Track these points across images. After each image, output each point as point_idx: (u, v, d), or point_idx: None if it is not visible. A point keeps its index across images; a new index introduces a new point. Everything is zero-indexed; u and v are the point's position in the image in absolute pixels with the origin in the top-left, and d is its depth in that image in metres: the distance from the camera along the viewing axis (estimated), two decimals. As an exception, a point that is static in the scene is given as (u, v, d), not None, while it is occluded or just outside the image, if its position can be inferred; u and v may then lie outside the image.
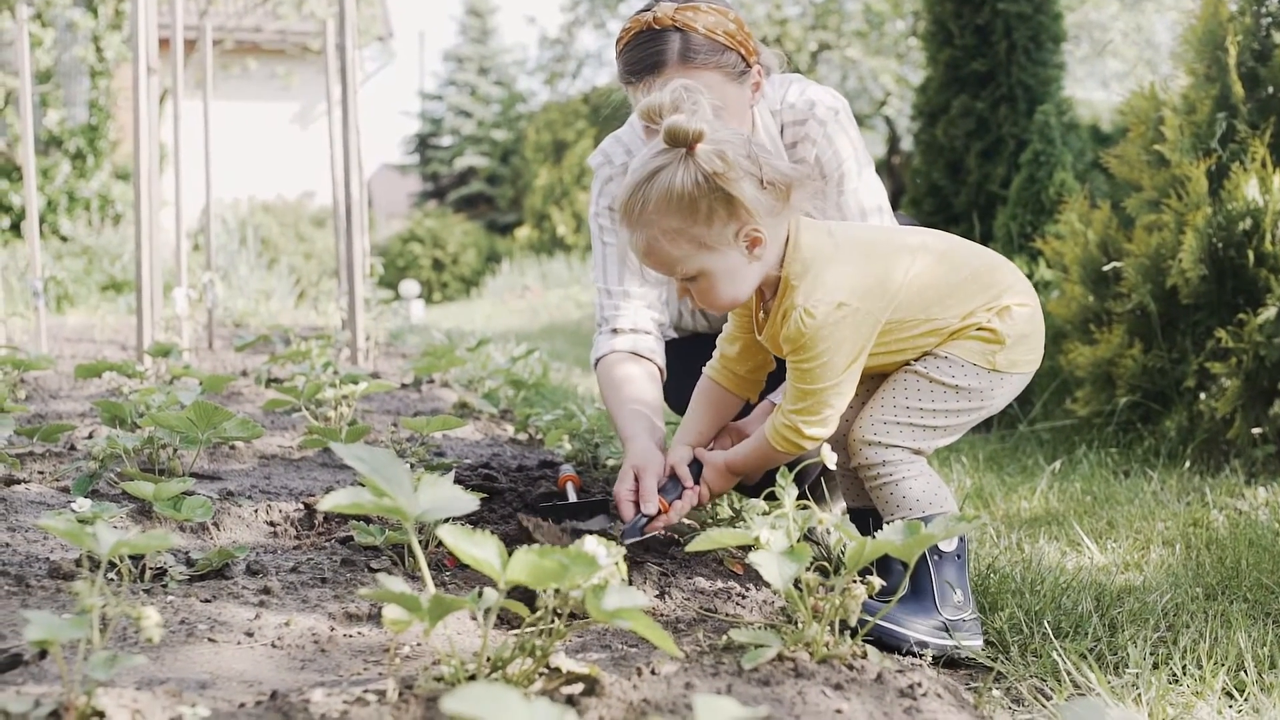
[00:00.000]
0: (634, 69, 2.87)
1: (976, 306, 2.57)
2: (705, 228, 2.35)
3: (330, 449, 1.76)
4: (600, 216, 3.24)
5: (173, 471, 3.24)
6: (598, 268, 3.25)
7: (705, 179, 2.31)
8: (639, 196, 2.36)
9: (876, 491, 2.58)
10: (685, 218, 2.34)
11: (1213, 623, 2.61)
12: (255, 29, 20.34)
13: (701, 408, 2.81)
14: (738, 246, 2.39)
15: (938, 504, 2.55)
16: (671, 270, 2.42)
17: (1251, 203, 4.62)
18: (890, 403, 2.57)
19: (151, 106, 5.47)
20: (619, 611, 1.66)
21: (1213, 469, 4.57)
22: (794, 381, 2.49)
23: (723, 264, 2.40)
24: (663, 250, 2.39)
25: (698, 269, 2.40)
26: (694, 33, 2.81)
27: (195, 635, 2.11)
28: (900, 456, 2.55)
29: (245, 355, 6.81)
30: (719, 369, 2.79)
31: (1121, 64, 22.47)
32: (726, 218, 2.35)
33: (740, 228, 2.37)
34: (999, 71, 8.47)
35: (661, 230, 2.36)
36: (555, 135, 25.72)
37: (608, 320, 3.18)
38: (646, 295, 3.20)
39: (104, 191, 16.37)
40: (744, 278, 2.44)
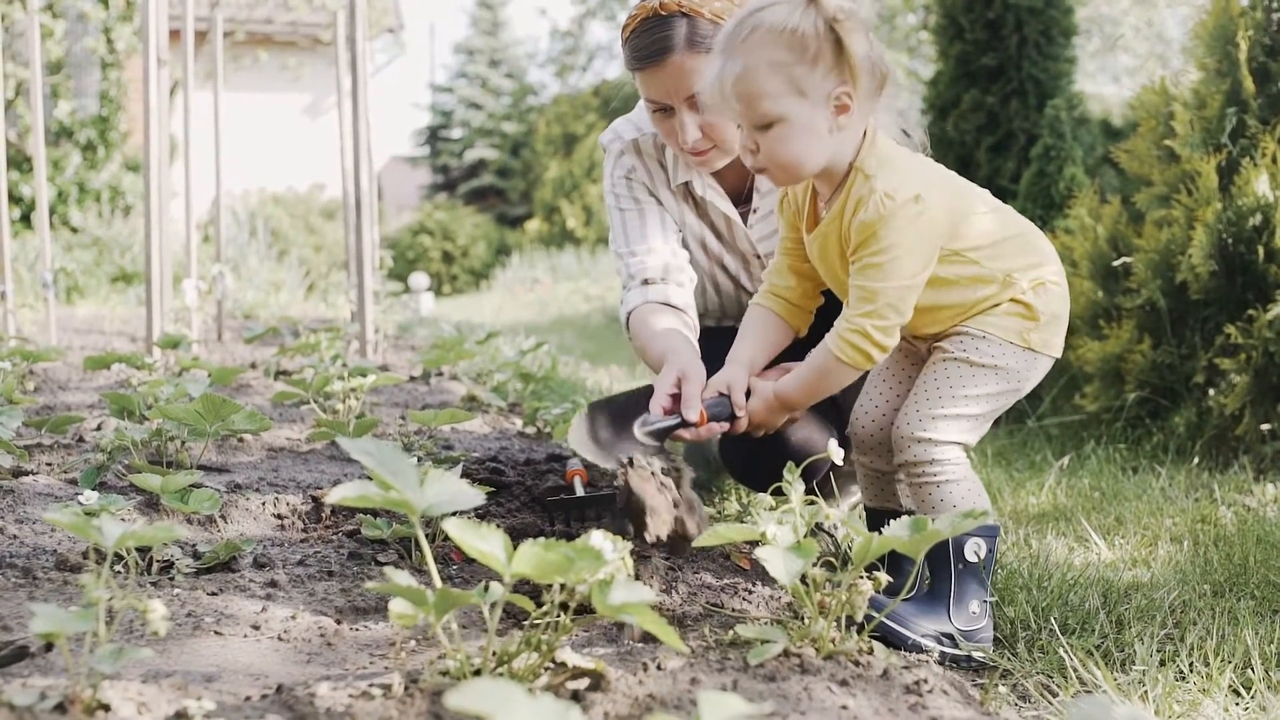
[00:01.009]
0: (640, 54, 2.87)
1: (1019, 267, 2.55)
2: (808, 70, 2.32)
3: (338, 442, 1.77)
4: (617, 187, 3.20)
5: (180, 464, 3.25)
6: (617, 237, 3.20)
7: (825, 24, 2.30)
8: (748, 23, 2.34)
9: (919, 490, 2.52)
10: (792, 53, 2.31)
11: (1220, 620, 2.60)
12: (266, 20, 20.36)
13: (752, 333, 2.71)
14: (827, 108, 2.35)
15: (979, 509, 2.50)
16: (754, 107, 2.35)
17: (1262, 198, 4.61)
18: (935, 394, 2.52)
19: (161, 98, 5.48)
20: (625, 606, 1.66)
21: (1221, 465, 4.56)
22: (860, 280, 2.42)
23: (807, 117, 2.35)
24: (756, 81, 2.33)
25: (781, 113, 2.34)
26: (700, 18, 2.82)
27: (202, 628, 2.12)
28: (949, 455, 2.51)
29: (254, 347, 6.82)
30: (768, 295, 2.72)
31: (1133, 58, 22.42)
32: (829, 69, 2.33)
33: (836, 88, 2.34)
34: (1009, 66, 8.45)
35: (764, 59, 2.32)
36: (566, 128, 25.72)
37: (635, 275, 3.10)
38: (673, 249, 3.14)
39: (114, 183, 16.38)
40: (819, 143, 2.39)
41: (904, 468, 2.54)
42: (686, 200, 3.20)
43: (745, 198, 3.19)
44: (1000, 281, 2.53)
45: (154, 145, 5.42)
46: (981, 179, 8.94)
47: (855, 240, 2.41)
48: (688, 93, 2.83)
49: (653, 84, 2.87)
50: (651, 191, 3.18)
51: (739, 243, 3.21)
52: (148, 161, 5.41)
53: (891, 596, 2.28)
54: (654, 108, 2.92)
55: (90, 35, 16.61)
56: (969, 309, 2.55)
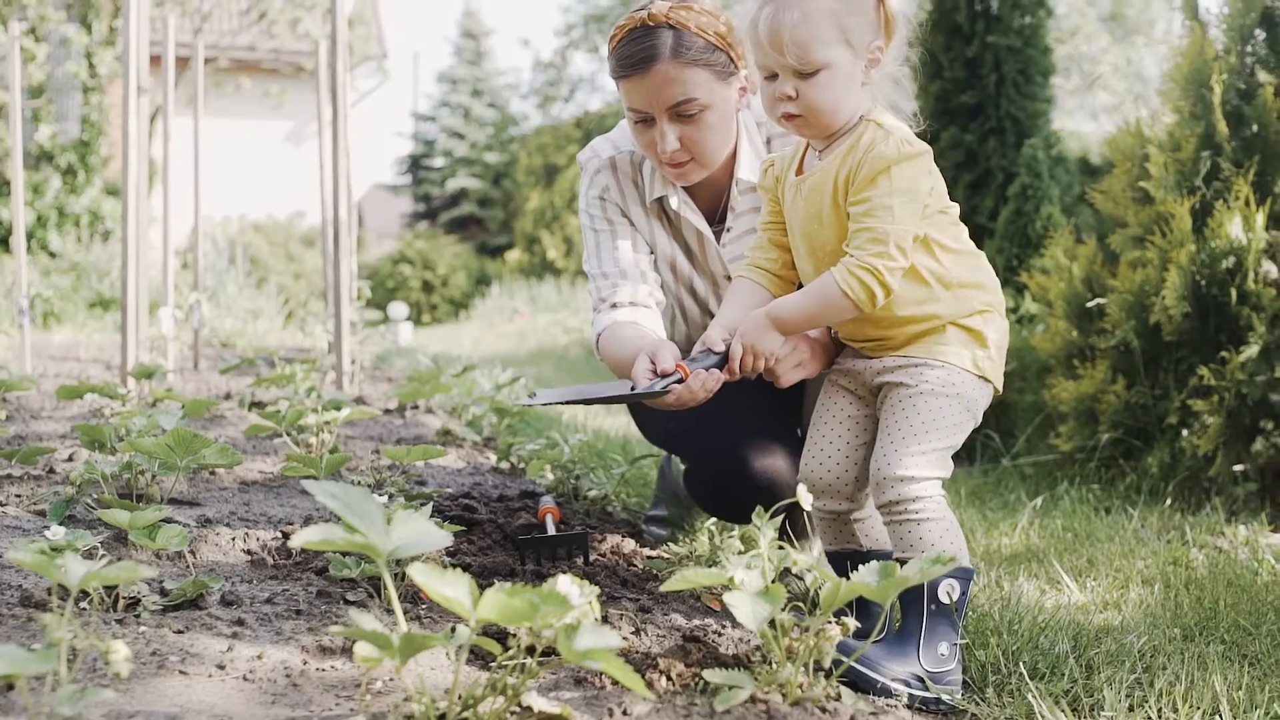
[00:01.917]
0: (627, 62, 2.91)
1: (971, 283, 2.59)
2: (856, 21, 2.44)
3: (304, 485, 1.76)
4: (591, 207, 3.23)
5: (150, 497, 3.23)
6: (591, 256, 3.22)
7: None
8: None
9: (899, 528, 2.50)
10: (844, 4, 2.43)
11: (1189, 665, 2.60)
12: (250, 47, 20.37)
13: (735, 299, 2.73)
14: (862, 60, 2.46)
15: (955, 550, 2.49)
16: (805, 52, 2.42)
17: (1235, 241, 4.64)
18: (909, 430, 2.51)
19: (141, 126, 5.47)
20: (590, 652, 1.65)
21: (1194, 506, 4.58)
22: (870, 221, 2.42)
23: (848, 67, 2.45)
24: (813, 24, 2.41)
25: (825, 60, 2.43)
26: (687, 30, 2.88)
27: (166, 667, 2.10)
28: (930, 491, 2.50)
29: (230, 377, 6.80)
30: (750, 266, 2.76)
31: (1111, 96, 22.61)
32: (872, 25, 2.46)
33: (874, 42, 2.46)
34: (988, 104, 8.50)
35: (821, 6, 2.42)
36: (547, 159, 25.79)
37: (605, 299, 3.12)
38: (644, 274, 3.16)
39: (94, 208, 16.36)
40: (853, 92, 2.48)
41: (885, 508, 2.52)
42: (660, 218, 3.21)
43: (719, 217, 3.22)
44: (953, 295, 2.55)
45: (132, 173, 5.41)
46: (960, 217, 8.98)
47: (864, 177, 2.44)
48: (670, 102, 2.89)
49: (637, 92, 2.91)
50: (624, 212, 3.21)
51: (710, 262, 3.22)
52: (126, 189, 5.40)
53: (860, 640, 2.28)
54: (636, 117, 2.96)
55: (72, 60, 16.61)
56: (921, 328, 2.57)
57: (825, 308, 2.49)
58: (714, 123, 2.94)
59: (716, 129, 2.96)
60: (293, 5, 17.42)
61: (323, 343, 7.51)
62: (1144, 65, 23.80)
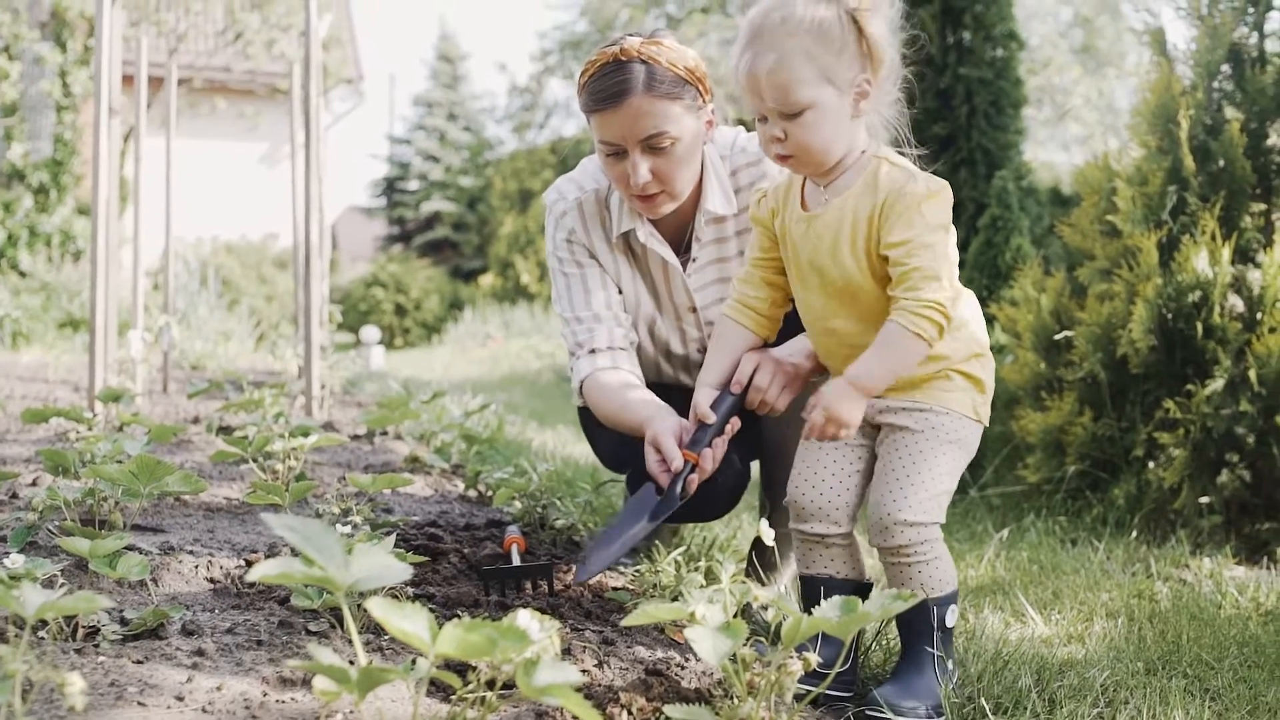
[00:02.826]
0: (600, 96, 2.95)
1: (970, 319, 2.63)
2: (835, 59, 2.42)
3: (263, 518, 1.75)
4: (559, 249, 3.26)
5: (113, 524, 3.20)
6: (561, 299, 3.26)
7: (846, 12, 2.42)
8: (776, 15, 2.43)
9: (902, 569, 2.55)
10: (822, 43, 2.41)
11: (1151, 699, 2.61)
12: (225, 68, 20.37)
13: (722, 349, 2.80)
14: (849, 94, 2.45)
15: (953, 582, 2.59)
16: (787, 95, 2.43)
17: (1201, 275, 4.68)
18: (914, 474, 2.55)
19: (113, 146, 5.46)
20: (549, 688, 1.65)
21: (1159, 539, 4.60)
22: (917, 261, 2.42)
23: (833, 104, 2.44)
24: (790, 69, 2.41)
25: (810, 100, 2.43)
26: (658, 65, 2.92)
27: (124, 698, 2.08)
28: (935, 534, 2.56)
29: (199, 401, 6.77)
30: (739, 307, 2.79)
31: (1083, 128, 22.77)
32: (853, 58, 2.43)
33: (859, 75, 2.44)
34: (959, 135, 8.55)
35: (797, 48, 2.41)
36: (522, 184, 25.81)
37: (583, 344, 3.17)
38: (616, 316, 3.21)
39: (66, 227, 16.28)
40: (841, 130, 2.48)
41: (889, 551, 2.56)
42: (625, 253, 3.24)
43: (685, 248, 3.24)
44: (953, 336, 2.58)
45: (102, 193, 5.39)
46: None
47: (898, 218, 2.44)
48: (643, 135, 2.92)
49: (609, 126, 2.94)
50: (592, 253, 3.24)
51: (675, 294, 3.25)
52: (96, 209, 5.38)
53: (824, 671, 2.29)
54: (608, 150, 2.99)
55: (46, 78, 16.55)
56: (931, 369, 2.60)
57: (902, 356, 2.48)
58: (684, 155, 2.98)
59: (686, 161, 2.99)
60: (269, 27, 17.41)
61: (293, 366, 7.50)
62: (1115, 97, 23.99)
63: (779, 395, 2.82)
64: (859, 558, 2.69)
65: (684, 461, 2.69)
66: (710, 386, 2.77)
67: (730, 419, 2.77)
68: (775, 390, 2.81)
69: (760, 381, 2.79)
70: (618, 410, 3.03)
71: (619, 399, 3.03)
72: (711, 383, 2.78)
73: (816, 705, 2.53)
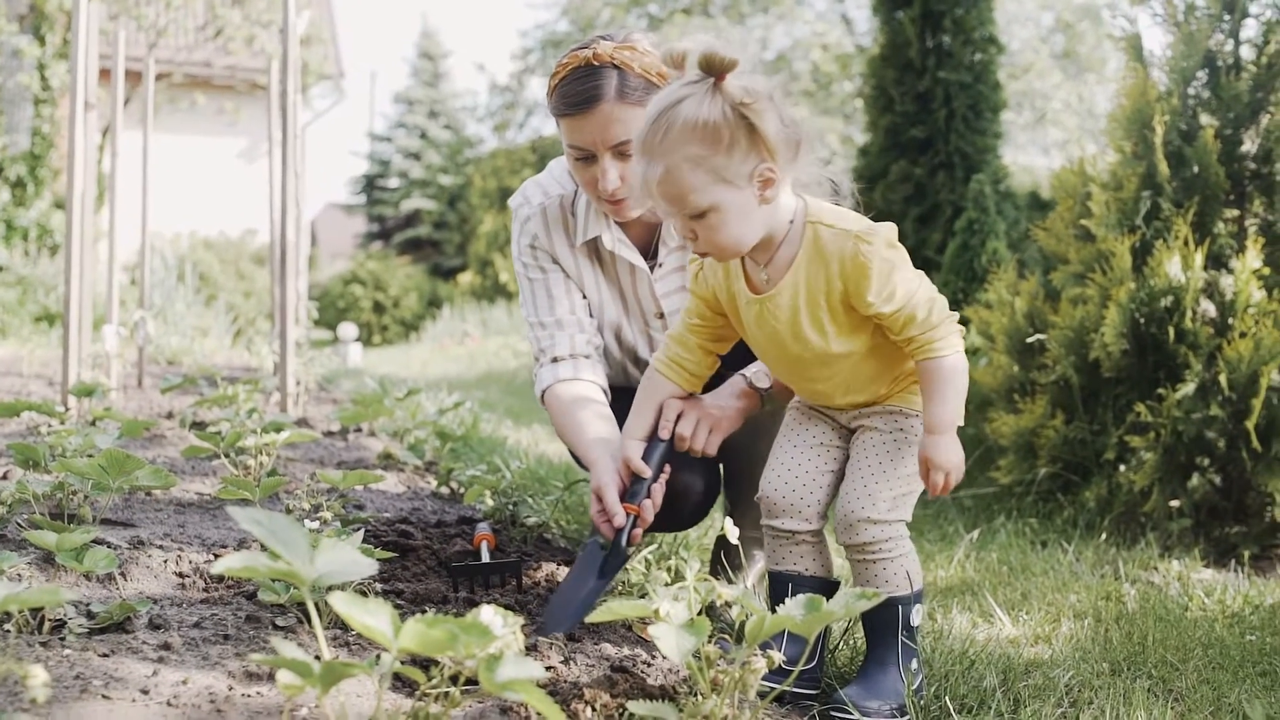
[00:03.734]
0: (570, 101, 2.93)
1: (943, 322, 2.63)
2: (725, 158, 2.35)
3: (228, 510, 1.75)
4: (523, 255, 3.28)
5: (82, 518, 3.20)
6: (526, 304, 3.28)
7: (731, 108, 2.33)
8: (662, 123, 2.36)
9: (868, 566, 2.59)
10: (707, 146, 2.34)
11: (1115, 699, 2.63)
12: (205, 63, 20.29)
13: (649, 402, 2.81)
14: (751, 185, 2.40)
15: (918, 582, 2.61)
16: (683, 202, 2.39)
17: (1173, 280, 4.71)
18: (881, 474, 2.59)
19: (89, 140, 5.44)
20: (510, 683, 1.65)
21: (1129, 541, 4.63)
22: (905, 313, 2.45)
23: (735, 201, 2.39)
24: (680, 179, 2.37)
25: (710, 202, 2.38)
26: (630, 71, 2.91)
27: (89, 691, 2.08)
28: (900, 532, 2.60)
29: (173, 396, 6.75)
30: (670, 363, 2.80)
31: (1062, 132, 22.85)
32: (747, 151, 2.36)
33: (758, 165, 2.38)
34: (938, 138, 8.59)
35: (683, 157, 2.35)
36: (501, 182, 25.81)
37: (545, 351, 3.19)
38: (580, 321, 3.22)
39: (43, 221, 16.19)
40: (752, 221, 2.43)
41: (856, 548, 2.60)
42: (591, 258, 3.24)
43: (651, 253, 3.25)
44: None
45: (78, 187, 5.37)
46: (908, 250, 9.05)
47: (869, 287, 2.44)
48: (613, 141, 2.91)
49: (579, 131, 2.93)
50: (555, 258, 3.24)
51: (643, 300, 3.25)
52: (71, 203, 5.36)
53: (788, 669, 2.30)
54: (577, 154, 2.98)
55: (24, 71, 16.46)
56: (898, 387, 2.62)
57: (956, 382, 2.50)
58: None
59: None
60: (249, 22, 17.34)
61: (269, 363, 7.48)
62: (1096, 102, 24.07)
63: (705, 440, 2.84)
64: (828, 556, 2.71)
65: (626, 515, 2.72)
66: (638, 439, 2.79)
67: (664, 465, 2.80)
68: (701, 436, 2.83)
69: (683, 430, 2.81)
70: (571, 432, 3.04)
71: (573, 420, 3.03)
72: (639, 435, 2.80)
73: (782, 703, 2.54)
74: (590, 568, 2.74)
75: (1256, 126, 4.97)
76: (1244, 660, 3.05)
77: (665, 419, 2.80)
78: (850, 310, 2.50)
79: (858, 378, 2.60)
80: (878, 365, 2.59)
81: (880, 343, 2.56)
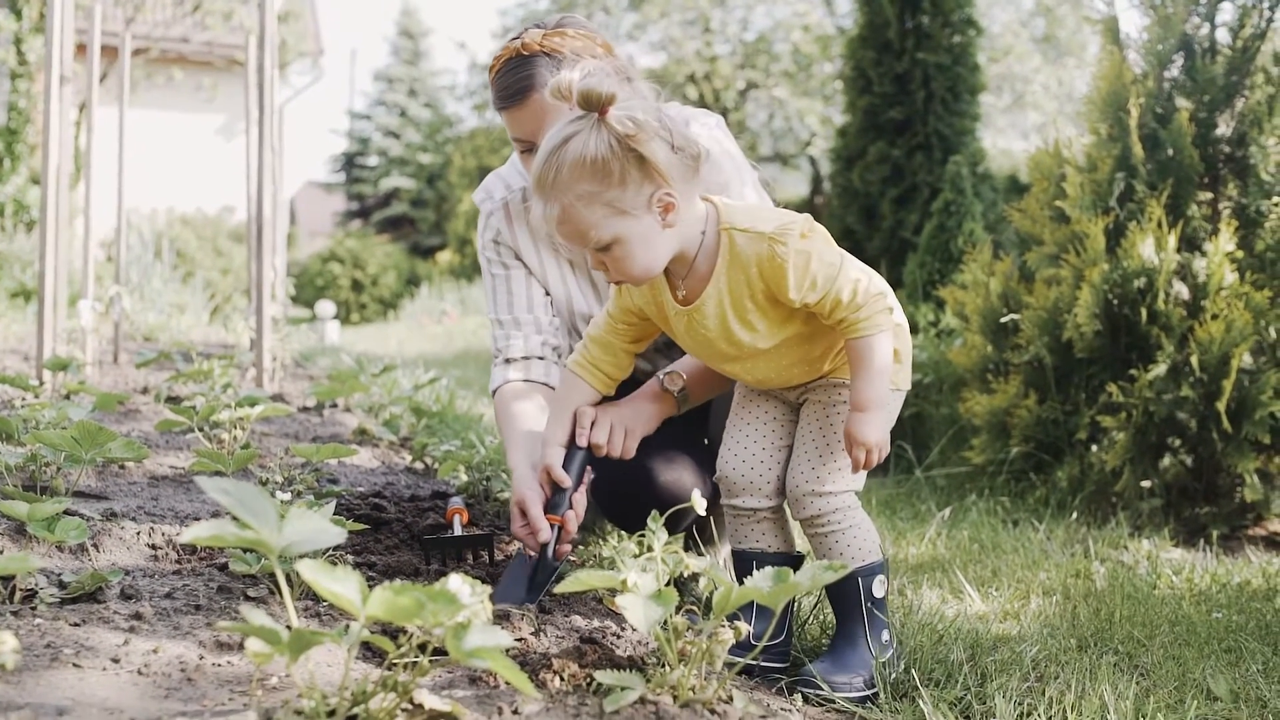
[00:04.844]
0: (505, 94, 2.95)
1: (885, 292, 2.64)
2: (619, 191, 2.35)
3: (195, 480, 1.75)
4: (486, 249, 3.29)
5: (55, 490, 3.20)
6: (488, 300, 3.30)
7: (617, 141, 2.33)
8: (552, 164, 2.36)
9: (820, 540, 2.61)
10: (599, 181, 2.34)
11: (1081, 674, 2.66)
12: (182, 39, 20.17)
13: (567, 406, 2.81)
14: (651, 212, 2.39)
15: (876, 552, 2.62)
16: (585, 239, 2.40)
17: (1146, 262, 4.74)
18: (824, 447, 2.60)
19: (64, 116, 5.42)
20: (477, 651, 1.66)
21: (1100, 520, 4.66)
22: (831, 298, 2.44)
23: (637, 230, 2.40)
24: (577, 217, 2.37)
25: (612, 236, 2.39)
26: (561, 56, 2.90)
27: (60, 660, 2.08)
28: (848, 503, 2.61)
29: (149, 371, 6.73)
30: (588, 367, 2.79)
31: (1041, 115, 22.88)
32: (640, 180, 2.36)
33: (654, 192, 2.38)
34: (916, 120, 8.60)
35: (576, 196, 2.35)
36: (481, 161, 25.74)
37: (500, 351, 3.22)
38: (537, 321, 3.23)
39: (19, 196, 16.09)
40: (658, 246, 2.44)
41: (804, 521, 2.62)
42: (555, 251, 3.24)
43: None
44: None
45: (53, 162, 5.34)
46: (885, 230, 9.08)
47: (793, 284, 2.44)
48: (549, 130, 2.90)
49: (517, 122, 2.95)
50: (517, 254, 3.26)
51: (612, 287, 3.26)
52: (46, 179, 5.34)
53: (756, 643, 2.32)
54: (520, 146, 3.00)
55: (1, 46, 16.34)
56: (835, 355, 2.61)
57: (881, 356, 2.48)
58: None
59: None
60: (227, -2, 17.29)
61: (246, 339, 7.46)
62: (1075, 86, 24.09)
63: (621, 444, 2.84)
64: (789, 531, 2.73)
65: (550, 528, 2.72)
66: (559, 445, 2.77)
67: (584, 472, 2.80)
68: (618, 442, 2.83)
69: (599, 438, 2.80)
70: (503, 435, 3.06)
71: (506, 425, 3.05)
72: (559, 440, 2.78)
73: (751, 675, 2.56)
74: (518, 582, 2.73)
75: (1231, 110, 4.99)
76: (1210, 637, 3.08)
77: (581, 427, 2.79)
78: (777, 304, 2.51)
79: (796, 363, 2.61)
80: (814, 348, 2.59)
81: (816, 327, 2.56)
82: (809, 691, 2.45)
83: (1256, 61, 4.94)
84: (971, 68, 8.99)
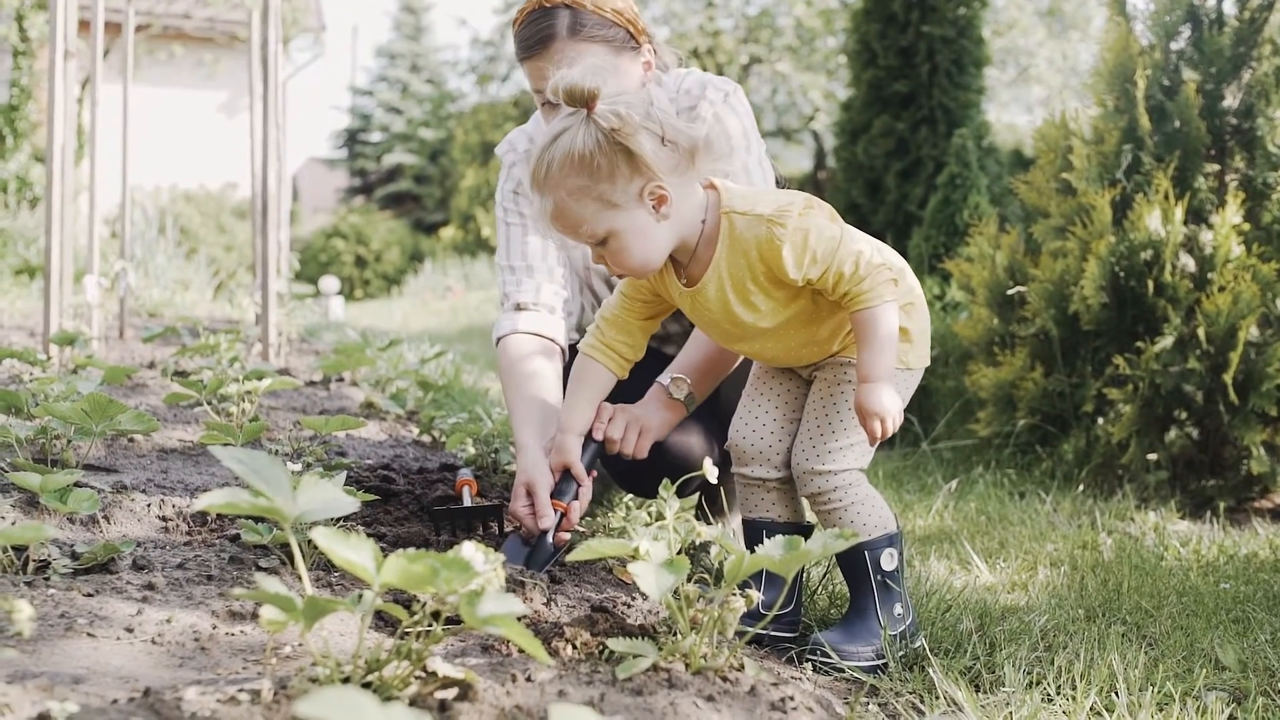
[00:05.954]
0: (527, 43, 2.97)
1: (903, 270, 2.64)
2: (609, 185, 2.38)
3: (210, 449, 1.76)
4: (505, 200, 3.30)
5: (66, 463, 3.21)
6: (501, 249, 3.30)
7: (604, 136, 2.35)
8: (543, 160, 2.39)
9: (827, 516, 2.62)
10: (588, 176, 2.37)
11: (1089, 644, 2.67)
12: (184, 15, 20.12)
13: (584, 391, 2.81)
14: (644, 205, 2.41)
15: (884, 525, 2.61)
16: (579, 232, 2.43)
17: (1153, 234, 4.73)
18: (827, 426, 2.60)
19: (68, 90, 5.41)
20: (492, 618, 1.67)
21: (1106, 493, 4.67)
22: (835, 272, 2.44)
23: (631, 223, 2.41)
24: (570, 211, 2.40)
25: (606, 229, 2.41)
26: (583, 9, 2.94)
27: (74, 629, 2.10)
28: (851, 479, 2.61)
29: (155, 346, 6.74)
30: (604, 350, 2.78)
31: (1046, 89, 22.80)
32: (629, 174, 2.38)
33: (644, 184, 2.39)
34: (920, 93, 8.58)
35: (568, 191, 2.38)
36: (484, 137, 25.69)
37: (509, 296, 3.21)
38: (550, 270, 3.23)
39: (22, 173, 16.06)
40: (655, 237, 2.45)
41: (810, 498, 2.63)
42: None
43: None
44: None
45: (58, 139, 5.34)
46: (890, 204, 9.07)
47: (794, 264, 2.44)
48: None
49: (538, 73, 2.96)
50: None
51: None
52: (51, 155, 5.33)
53: (766, 612, 2.33)
54: (541, 99, 3.01)
55: (2, 22, 16.30)
56: (845, 334, 2.61)
57: (887, 328, 2.47)
58: None
59: None
60: (228, -27, 17.23)
61: (251, 315, 7.47)
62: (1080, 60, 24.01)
63: (635, 444, 2.87)
64: (798, 502, 2.74)
65: (555, 514, 2.74)
66: (576, 433, 2.79)
67: (594, 464, 2.84)
68: (631, 440, 2.86)
69: (614, 433, 2.83)
70: (510, 398, 3.07)
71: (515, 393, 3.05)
72: (578, 429, 2.79)
73: (761, 645, 2.57)
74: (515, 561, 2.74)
75: (1238, 81, 4.98)
76: (1217, 607, 3.09)
77: (599, 421, 2.82)
78: (781, 285, 2.51)
79: (804, 343, 2.61)
80: (820, 329, 2.59)
81: (821, 307, 2.56)
82: (819, 660, 2.46)
83: (1264, 33, 4.92)
84: (976, 41, 8.96)
